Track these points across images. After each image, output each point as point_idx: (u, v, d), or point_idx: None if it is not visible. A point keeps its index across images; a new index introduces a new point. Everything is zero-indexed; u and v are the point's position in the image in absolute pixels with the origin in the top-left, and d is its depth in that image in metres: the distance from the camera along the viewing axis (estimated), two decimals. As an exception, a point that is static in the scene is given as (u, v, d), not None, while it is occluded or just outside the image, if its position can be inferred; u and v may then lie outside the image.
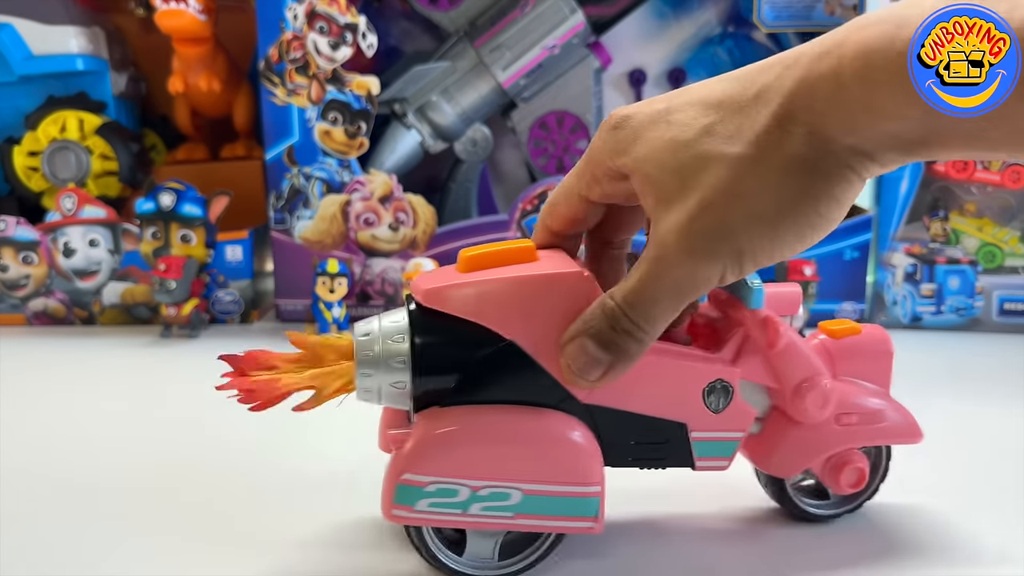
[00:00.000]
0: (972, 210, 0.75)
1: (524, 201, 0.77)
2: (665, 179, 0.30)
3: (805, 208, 0.29)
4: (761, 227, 0.29)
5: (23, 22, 0.81)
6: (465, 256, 0.33)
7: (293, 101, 0.76)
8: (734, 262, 0.29)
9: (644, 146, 0.31)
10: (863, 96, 0.27)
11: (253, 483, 0.44)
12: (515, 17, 0.80)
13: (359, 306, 0.79)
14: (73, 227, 0.78)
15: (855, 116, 0.28)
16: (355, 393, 0.33)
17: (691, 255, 0.29)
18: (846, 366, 0.37)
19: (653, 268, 0.30)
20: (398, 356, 0.32)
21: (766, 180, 0.28)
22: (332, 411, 0.35)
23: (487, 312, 0.32)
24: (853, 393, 0.37)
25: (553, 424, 0.32)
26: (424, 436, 0.32)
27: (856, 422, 0.36)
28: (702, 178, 0.29)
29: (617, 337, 0.30)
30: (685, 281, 0.30)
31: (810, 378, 0.35)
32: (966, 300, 0.75)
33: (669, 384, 0.34)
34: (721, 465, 0.35)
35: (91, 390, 0.61)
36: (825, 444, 0.36)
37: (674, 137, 0.30)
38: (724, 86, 0.31)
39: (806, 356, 0.35)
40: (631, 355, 0.31)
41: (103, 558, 0.36)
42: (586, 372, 0.31)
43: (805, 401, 0.35)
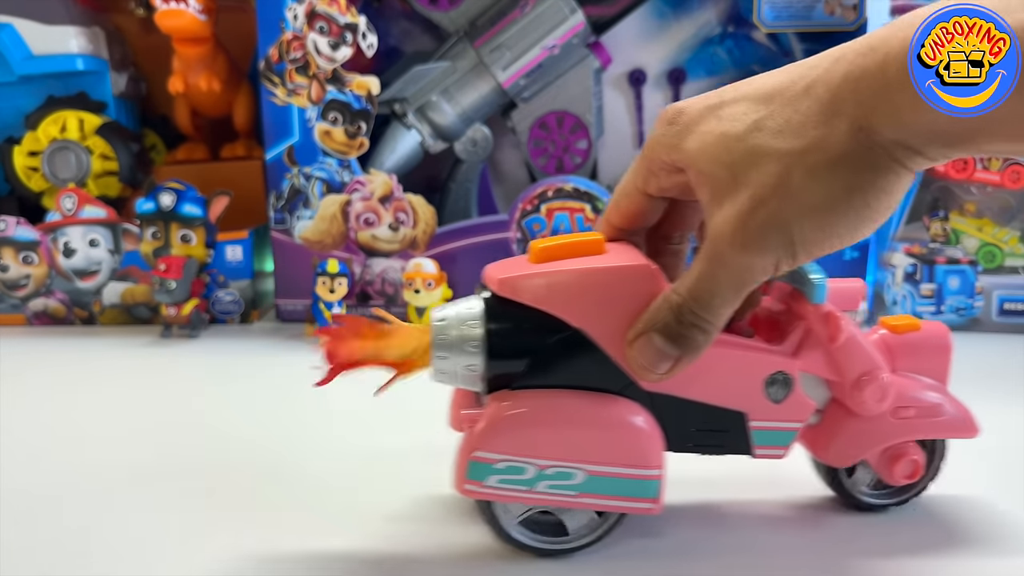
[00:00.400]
0: (972, 210, 0.75)
1: (524, 201, 0.77)
2: (718, 174, 0.31)
3: (855, 200, 0.29)
4: (812, 219, 0.29)
5: (23, 22, 0.81)
6: (536, 248, 0.35)
7: (293, 101, 0.76)
8: (787, 253, 0.30)
9: (697, 140, 0.32)
10: (907, 92, 0.27)
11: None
12: (515, 17, 0.80)
13: (359, 306, 0.79)
14: (73, 227, 0.78)
15: (900, 111, 0.28)
16: (429, 373, 0.35)
17: (745, 249, 0.30)
18: (905, 361, 0.38)
19: (710, 263, 0.31)
20: (472, 341, 0.34)
21: (814, 173, 0.29)
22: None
23: (557, 301, 0.33)
24: (911, 387, 0.38)
25: (617, 409, 0.34)
26: (495, 416, 0.33)
27: (913, 415, 0.37)
28: (753, 173, 0.30)
29: (684, 330, 0.32)
30: (741, 274, 0.31)
31: (869, 372, 0.36)
32: (966, 300, 0.75)
33: (731, 374, 0.35)
34: (778, 454, 0.36)
35: (91, 390, 0.61)
36: (882, 436, 0.37)
37: (725, 132, 0.31)
38: (775, 80, 0.32)
39: (866, 350, 0.36)
40: (699, 346, 0.32)
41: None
42: (655, 366, 0.32)
43: (864, 394, 0.36)
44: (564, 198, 0.76)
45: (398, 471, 0.45)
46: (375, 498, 0.42)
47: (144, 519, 0.40)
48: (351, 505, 0.41)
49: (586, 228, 0.76)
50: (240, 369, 0.66)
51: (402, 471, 0.45)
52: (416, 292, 0.71)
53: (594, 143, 0.85)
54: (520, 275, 0.34)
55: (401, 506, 0.41)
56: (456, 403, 0.40)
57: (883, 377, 0.36)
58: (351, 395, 0.61)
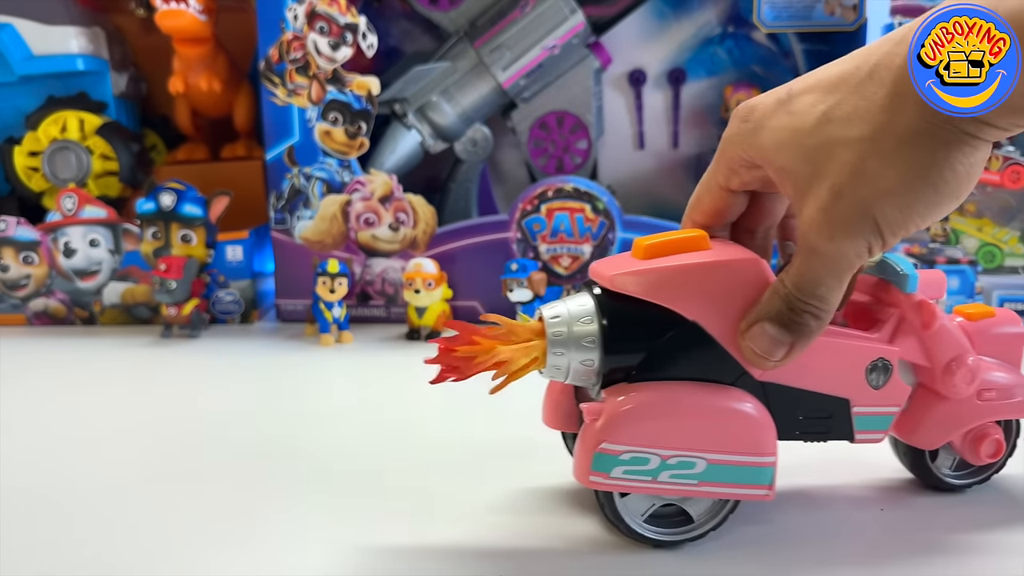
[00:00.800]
0: (972, 210, 0.75)
1: (524, 201, 0.77)
2: (797, 169, 0.32)
3: (932, 176, 0.30)
4: (892, 201, 0.30)
5: (23, 22, 0.81)
6: (641, 245, 0.36)
7: (293, 101, 0.76)
8: (876, 237, 0.31)
9: (771, 136, 0.33)
10: None
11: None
12: (515, 17, 0.80)
13: (359, 306, 0.80)
14: (74, 227, 0.79)
15: None
16: (542, 370, 0.36)
17: (834, 239, 0.31)
18: (982, 346, 0.40)
19: (807, 256, 0.32)
20: (588, 336, 0.35)
21: (887, 157, 0.30)
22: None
23: (671, 295, 0.34)
24: (991, 370, 0.40)
25: (733, 399, 0.35)
26: (618, 409, 0.34)
27: (995, 397, 0.39)
28: (829, 164, 0.31)
29: (797, 316, 0.33)
30: (838, 262, 0.32)
31: (959, 356, 0.37)
32: (966, 300, 0.75)
33: (836, 362, 0.36)
34: (877, 438, 0.38)
35: (92, 390, 0.61)
36: (968, 418, 0.39)
37: (796, 126, 0.32)
38: (840, 68, 0.32)
39: (955, 336, 0.38)
40: (812, 332, 0.33)
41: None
42: (771, 353, 0.33)
43: (955, 377, 0.37)
44: (564, 198, 0.76)
45: (405, 455, 0.45)
46: (384, 488, 0.42)
47: (144, 519, 0.40)
48: (358, 500, 0.41)
49: (586, 229, 0.76)
50: (240, 369, 0.66)
51: (408, 456, 0.45)
52: (416, 292, 0.71)
53: (594, 143, 0.85)
54: (633, 271, 0.35)
55: (414, 497, 0.41)
56: (551, 399, 0.40)
57: (971, 361, 0.38)
58: (351, 395, 0.61)
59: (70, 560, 0.36)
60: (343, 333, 0.73)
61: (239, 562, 0.36)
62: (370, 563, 0.35)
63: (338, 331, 0.73)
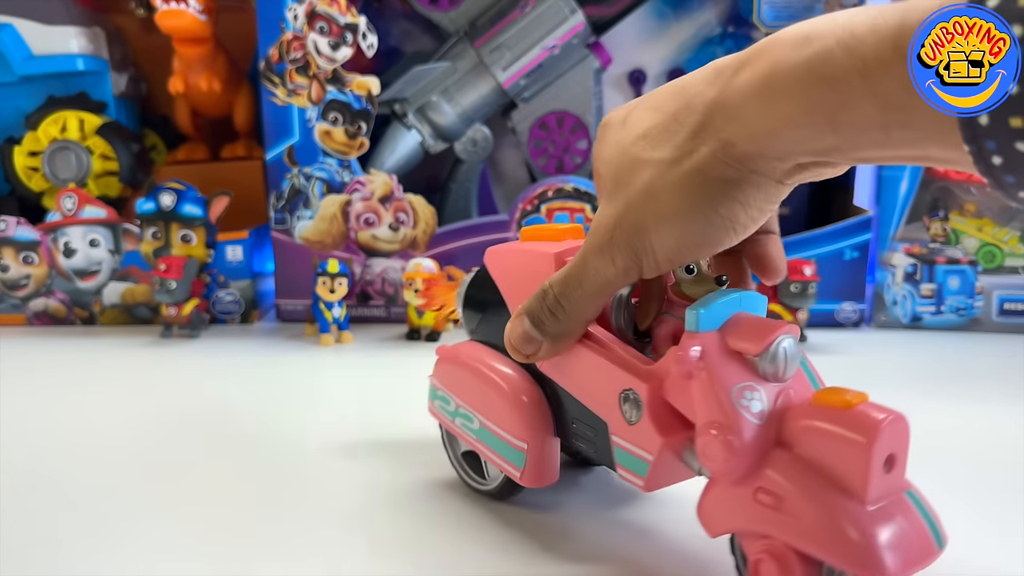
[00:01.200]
0: (972, 210, 0.75)
1: (524, 201, 0.77)
2: (609, 177, 0.32)
3: (705, 210, 0.29)
4: (667, 227, 0.30)
5: (23, 22, 0.81)
6: (526, 230, 0.40)
7: (293, 101, 0.76)
8: (648, 258, 0.31)
9: (605, 148, 0.33)
10: (765, 108, 0.28)
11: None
12: (515, 17, 0.80)
13: (359, 306, 0.80)
14: (73, 227, 0.79)
15: (756, 126, 0.28)
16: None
17: (609, 249, 0.31)
18: (806, 443, 0.29)
19: (580, 258, 0.33)
20: (460, 297, 0.43)
21: (674, 183, 0.30)
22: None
23: (496, 273, 0.39)
24: (784, 471, 0.28)
25: (514, 378, 0.37)
26: (442, 351, 0.41)
27: (770, 504, 0.28)
28: (632, 179, 0.31)
29: (544, 315, 0.34)
30: (602, 272, 0.32)
31: (718, 424, 0.29)
32: (966, 300, 0.75)
33: (593, 377, 0.34)
34: (638, 483, 0.32)
35: (92, 390, 0.61)
36: (740, 513, 0.30)
37: (621, 139, 0.32)
38: (668, 92, 0.32)
39: (717, 400, 0.29)
40: (553, 335, 0.34)
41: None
42: (522, 346, 0.35)
43: (700, 440, 0.29)
44: (564, 198, 0.76)
45: (404, 455, 0.45)
46: (384, 488, 0.42)
47: (144, 519, 0.40)
48: (358, 500, 0.41)
49: (586, 229, 0.76)
50: (240, 369, 0.66)
51: (407, 456, 0.45)
52: (416, 292, 0.71)
53: (594, 143, 0.85)
54: (490, 249, 0.40)
55: (415, 497, 0.41)
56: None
57: (726, 438, 0.28)
58: (351, 395, 0.61)
59: (70, 559, 0.36)
60: (343, 333, 0.73)
61: (239, 562, 0.36)
62: (370, 563, 0.35)
63: (338, 331, 0.73)
